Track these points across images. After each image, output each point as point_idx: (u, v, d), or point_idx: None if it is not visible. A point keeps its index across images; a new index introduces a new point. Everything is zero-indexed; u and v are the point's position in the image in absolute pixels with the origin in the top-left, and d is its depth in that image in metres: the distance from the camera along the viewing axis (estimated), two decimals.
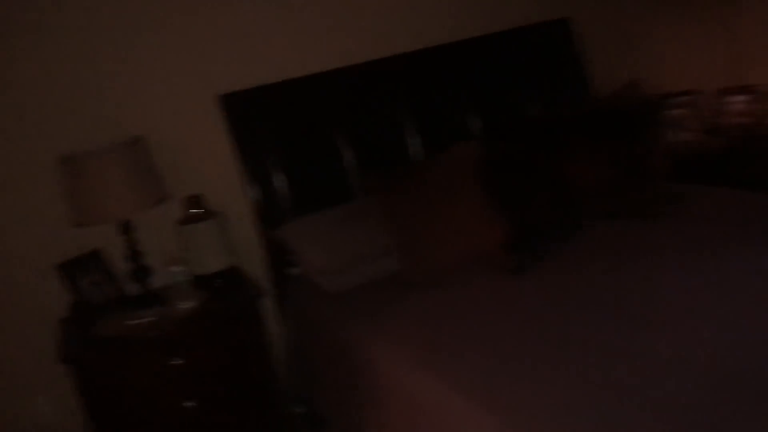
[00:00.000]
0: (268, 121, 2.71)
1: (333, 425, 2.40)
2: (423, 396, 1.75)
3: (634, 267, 2.11)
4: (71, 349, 2.23)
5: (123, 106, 2.55)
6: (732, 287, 1.85)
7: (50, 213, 2.45)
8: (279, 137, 2.72)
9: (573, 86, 3.28)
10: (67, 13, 2.45)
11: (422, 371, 1.80)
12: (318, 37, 2.83)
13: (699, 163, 3.11)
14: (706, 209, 2.48)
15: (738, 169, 3.12)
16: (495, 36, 3.11)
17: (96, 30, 2.50)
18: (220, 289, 2.48)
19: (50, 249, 2.44)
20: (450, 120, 3.02)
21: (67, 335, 2.33)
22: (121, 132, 2.49)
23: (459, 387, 1.66)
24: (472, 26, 3.09)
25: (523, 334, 1.85)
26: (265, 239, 2.71)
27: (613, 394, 1.48)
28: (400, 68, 2.92)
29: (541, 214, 2.43)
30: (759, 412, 1.33)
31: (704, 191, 2.63)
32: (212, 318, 2.36)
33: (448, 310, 2.12)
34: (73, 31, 2.47)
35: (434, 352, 1.87)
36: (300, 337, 2.62)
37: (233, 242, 2.60)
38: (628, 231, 2.41)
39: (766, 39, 3.65)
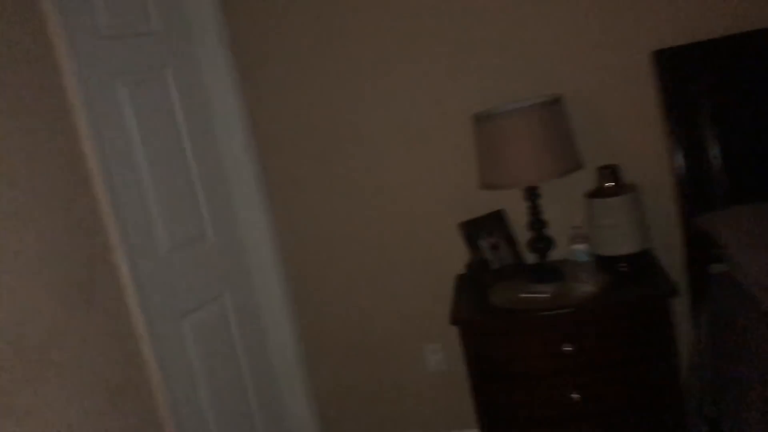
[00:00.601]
0: (709, 85, 2.22)
1: None
2: None
3: None
4: (463, 311, 2.25)
5: (543, 62, 2.37)
6: None
7: (459, 171, 2.47)
8: (720, 104, 2.22)
9: None
10: None
11: None
12: None
13: None
14: None
15: None
16: None
17: None
18: (626, 275, 2.22)
19: (455, 206, 2.48)
20: None
21: (461, 295, 2.36)
22: (539, 90, 2.33)
23: None
24: None
25: None
26: (687, 225, 2.29)
27: None
28: None
29: None
30: None
31: None
32: (613, 307, 2.13)
33: None
34: None
35: None
36: (717, 348, 2.16)
37: (648, 223, 2.27)
38: None
39: None
